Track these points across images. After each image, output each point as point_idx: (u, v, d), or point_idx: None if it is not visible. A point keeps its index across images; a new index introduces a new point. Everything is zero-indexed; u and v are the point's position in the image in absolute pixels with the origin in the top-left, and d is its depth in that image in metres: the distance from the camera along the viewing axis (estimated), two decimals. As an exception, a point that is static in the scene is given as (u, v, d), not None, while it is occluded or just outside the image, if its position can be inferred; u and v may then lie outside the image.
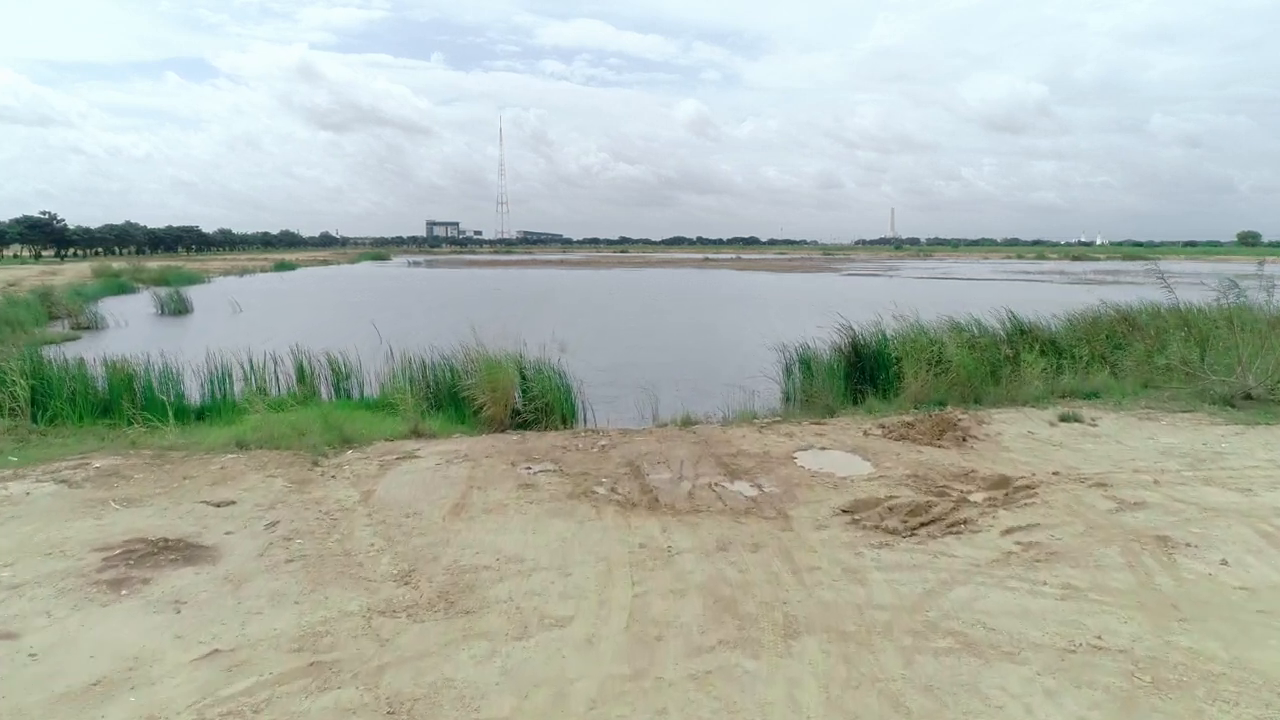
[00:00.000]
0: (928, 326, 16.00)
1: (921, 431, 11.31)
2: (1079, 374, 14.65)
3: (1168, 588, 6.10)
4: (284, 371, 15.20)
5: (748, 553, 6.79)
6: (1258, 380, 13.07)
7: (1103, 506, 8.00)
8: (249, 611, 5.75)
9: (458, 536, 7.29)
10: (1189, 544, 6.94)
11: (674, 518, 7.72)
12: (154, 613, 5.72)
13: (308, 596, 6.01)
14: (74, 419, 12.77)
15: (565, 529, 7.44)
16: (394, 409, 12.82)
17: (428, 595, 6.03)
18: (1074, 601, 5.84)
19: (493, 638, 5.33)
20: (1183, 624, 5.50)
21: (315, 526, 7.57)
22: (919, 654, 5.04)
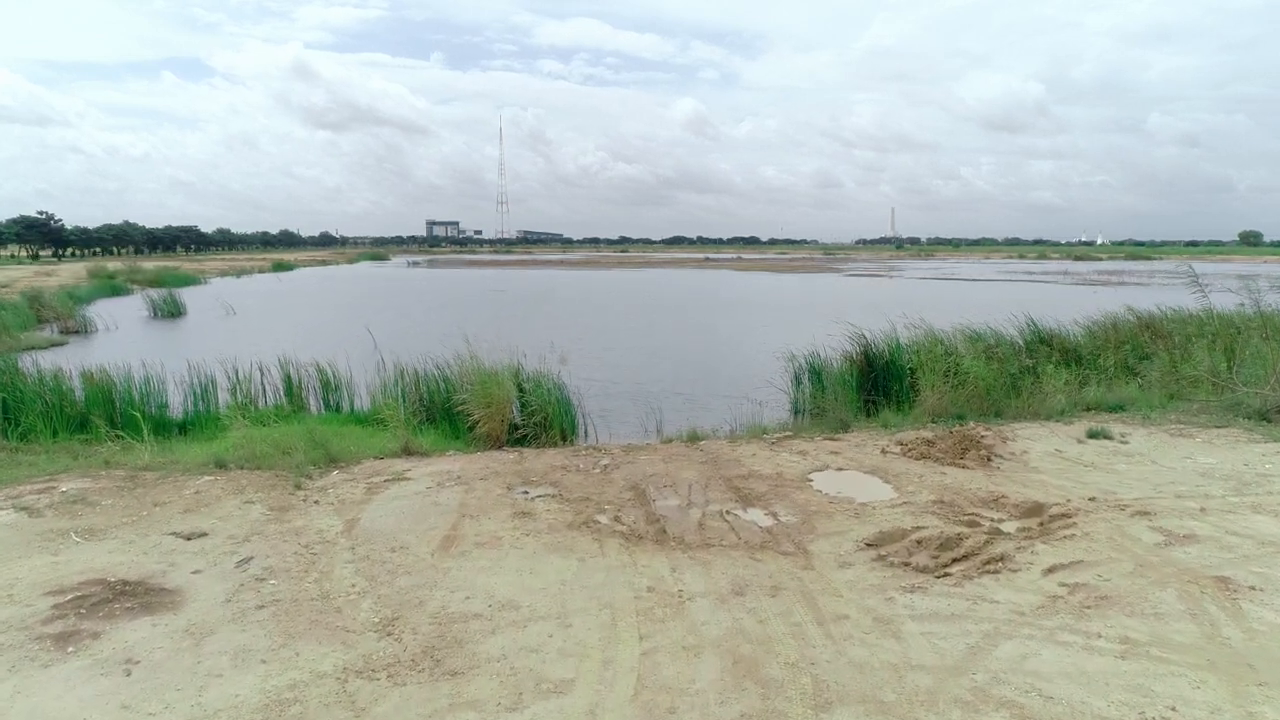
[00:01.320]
0: (942, 334, 15.35)
1: (943, 450, 10.67)
2: (1104, 385, 14.00)
3: (1238, 642, 5.45)
4: (271, 382, 14.56)
5: (767, 598, 6.14)
6: (1296, 393, 12.42)
7: (1149, 540, 7.35)
8: (208, 673, 5.10)
9: (447, 576, 6.65)
10: (1253, 586, 6.29)
11: (684, 553, 7.07)
12: (101, 675, 5.07)
13: (276, 654, 5.36)
14: (47, 435, 12.13)
15: (565, 567, 6.79)
16: (384, 424, 12.17)
17: (411, 651, 5.39)
18: (1136, 661, 5.20)
19: (482, 708, 4.68)
20: (1263, 688, 4.85)
21: (292, 563, 6.93)
22: None
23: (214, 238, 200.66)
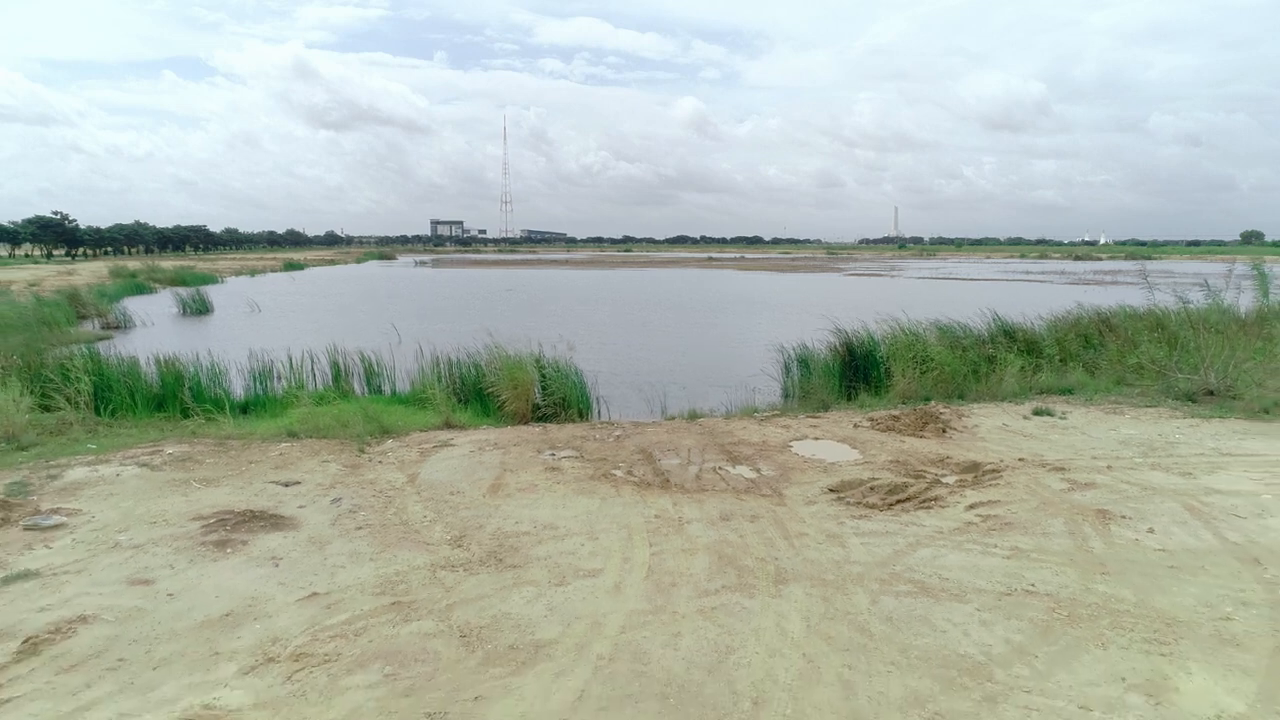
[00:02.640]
0: (915, 328, 17.17)
1: (906, 424, 12.49)
2: (1056, 372, 15.81)
3: (1099, 550, 7.27)
4: (319, 369, 16.42)
5: (747, 522, 7.98)
6: (1218, 378, 14.21)
7: (1057, 487, 9.17)
8: (333, 566, 6.96)
9: (497, 510, 8.50)
10: (1124, 516, 8.11)
11: (683, 495, 8.92)
12: (257, 566, 6.94)
13: (378, 556, 7.21)
14: (133, 412, 14.00)
15: (590, 504, 8.65)
16: (425, 404, 14.02)
17: (479, 555, 7.23)
18: (1018, 560, 7.03)
19: (538, 585, 6.53)
20: (1104, 576, 6.68)
21: (373, 502, 8.79)
22: (883, 595, 6.24)
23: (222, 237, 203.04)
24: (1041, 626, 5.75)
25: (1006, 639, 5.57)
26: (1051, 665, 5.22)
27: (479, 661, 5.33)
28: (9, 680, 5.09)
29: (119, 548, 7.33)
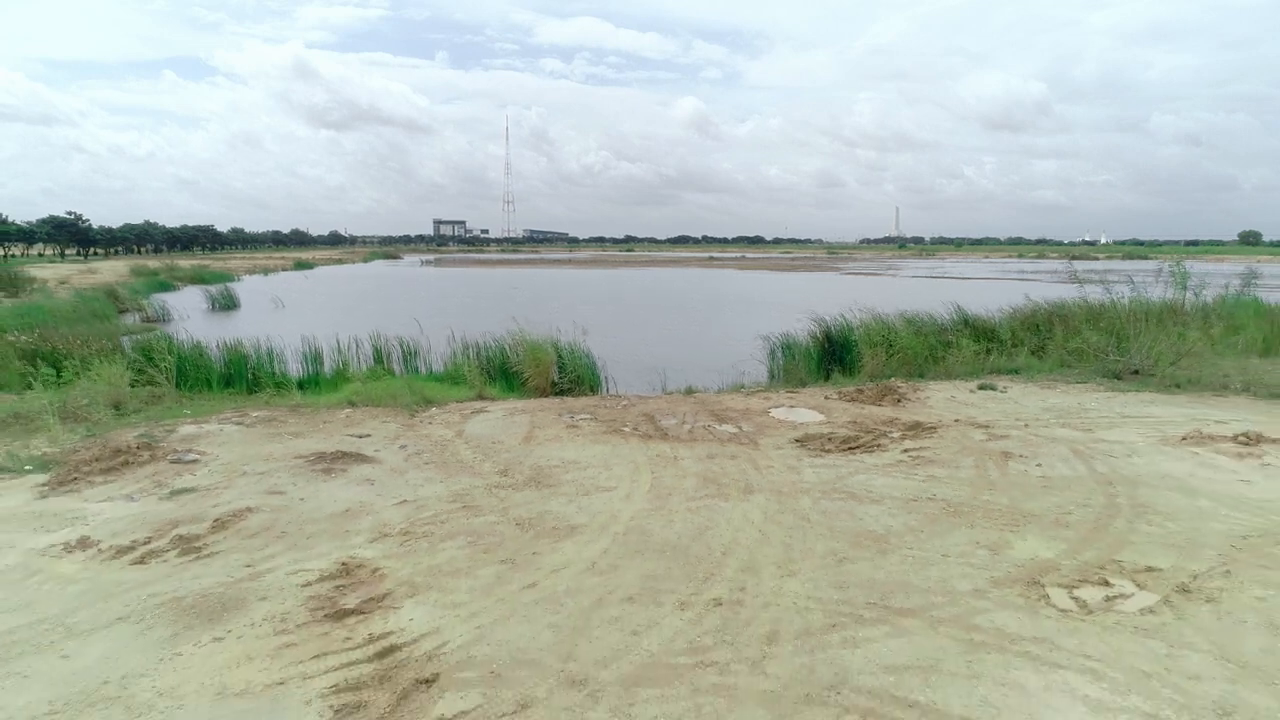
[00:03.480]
0: (887, 317, 19.44)
1: (868, 396, 14.77)
2: (1006, 355, 18.08)
3: (994, 477, 9.55)
4: (362, 353, 18.73)
5: (727, 459, 10.28)
6: (1142, 359, 16.46)
7: (978, 438, 11.45)
8: (414, 485, 9.26)
9: (531, 452, 10.80)
10: (1022, 455, 10.39)
11: (678, 443, 11.22)
12: (356, 486, 9.24)
13: (445, 480, 9.51)
14: (208, 387, 16.31)
15: (604, 449, 10.94)
16: (458, 380, 16.32)
17: (521, 480, 9.53)
18: (930, 483, 9.31)
19: (569, 495, 8.83)
20: (990, 492, 8.96)
21: (432, 448, 11.08)
22: (822, 499, 8.53)
23: (228, 237, 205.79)
24: (931, 517, 8.04)
25: (904, 523, 7.85)
26: (930, 536, 7.51)
27: (531, 536, 7.62)
28: (211, 542, 7.39)
29: (248, 474, 9.64)
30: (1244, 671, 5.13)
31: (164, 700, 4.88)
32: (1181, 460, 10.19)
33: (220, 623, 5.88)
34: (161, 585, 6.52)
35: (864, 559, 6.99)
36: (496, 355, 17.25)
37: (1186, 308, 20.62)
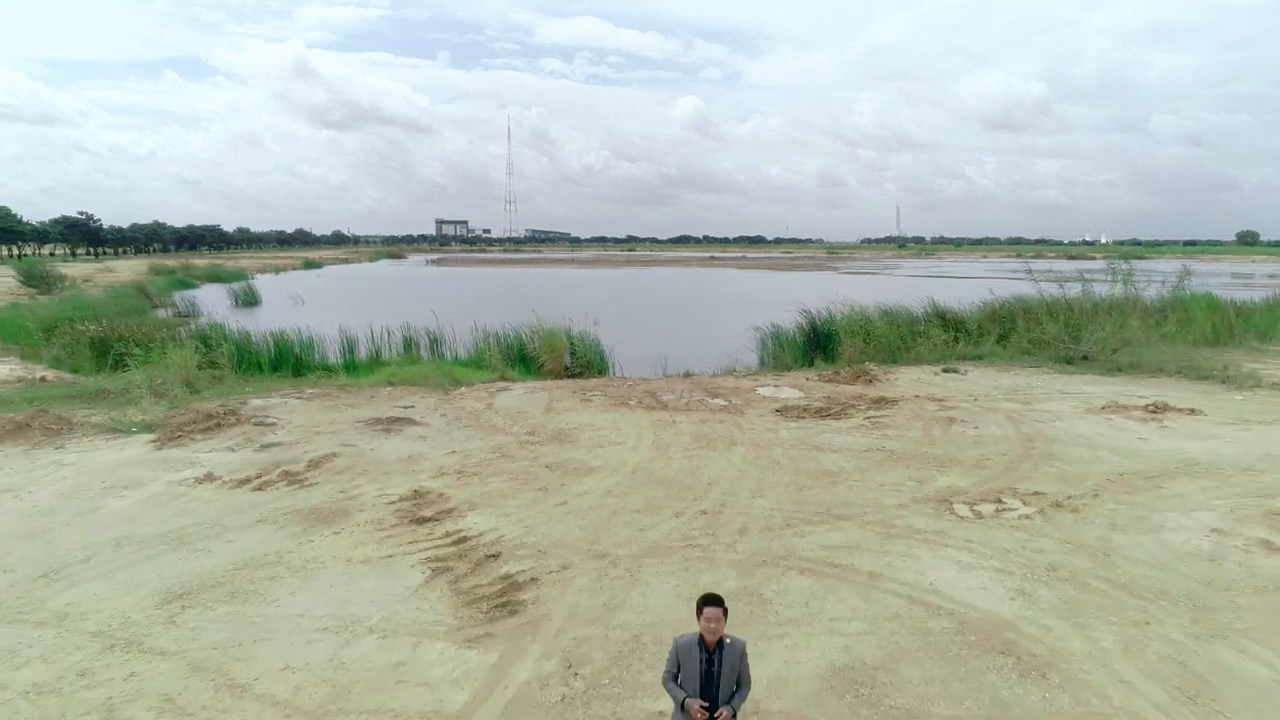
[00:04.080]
0: (866, 310, 21.47)
1: (844, 378, 16.80)
2: (973, 343, 20.10)
3: (936, 436, 11.58)
4: (392, 342, 20.78)
5: (717, 424, 12.32)
6: (1090, 347, 18.47)
7: (931, 409, 13.48)
8: (460, 440, 11.31)
9: (553, 419, 12.84)
10: (964, 421, 12.42)
11: (676, 412, 13.26)
12: (411, 441, 11.29)
13: (484, 438, 11.56)
14: (260, 370, 18.36)
15: (614, 415, 12.99)
16: (481, 365, 18.36)
17: (546, 438, 11.57)
18: (881, 440, 11.34)
19: (586, 447, 10.88)
20: (930, 445, 10.99)
21: (468, 416, 13.13)
22: (791, 450, 10.57)
23: (234, 236, 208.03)
24: (877, 462, 10.08)
25: (854, 465, 9.90)
26: (873, 474, 9.55)
27: (559, 475, 9.67)
28: (310, 476, 9.45)
29: (321, 433, 11.70)
30: (1077, 549, 7.17)
31: (310, 564, 6.94)
32: (1095, 424, 12.23)
33: (334, 524, 7.93)
34: (282, 503, 8.58)
35: (818, 487, 9.04)
36: (515, 343, 19.29)
37: (1145, 303, 22.65)
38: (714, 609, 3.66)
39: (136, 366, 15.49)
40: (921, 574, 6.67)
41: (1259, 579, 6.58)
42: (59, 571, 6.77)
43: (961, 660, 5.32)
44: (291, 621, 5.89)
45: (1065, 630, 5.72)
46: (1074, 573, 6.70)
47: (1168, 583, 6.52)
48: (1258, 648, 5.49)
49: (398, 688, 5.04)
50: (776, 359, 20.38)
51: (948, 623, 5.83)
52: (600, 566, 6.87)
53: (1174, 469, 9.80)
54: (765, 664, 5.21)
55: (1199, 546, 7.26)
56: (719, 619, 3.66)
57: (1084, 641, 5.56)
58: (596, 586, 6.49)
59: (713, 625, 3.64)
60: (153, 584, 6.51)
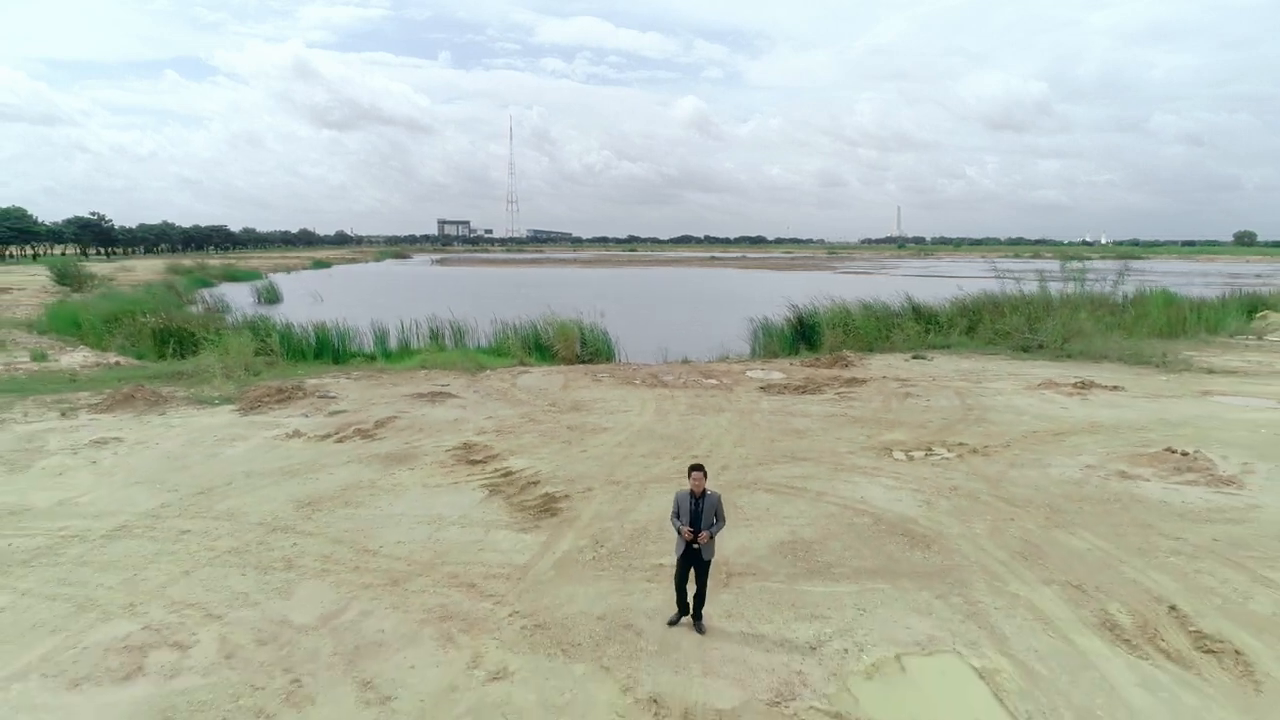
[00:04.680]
0: (848, 305, 23.70)
1: (823, 364, 19.04)
2: (943, 334, 22.33)
3: (893, 406, 13.82)
4: (419, 333, 23.04)
5: (709, 398, 14.57)
6: (1045, 337, 20.69)
7: (893, 388, 15.71)
8: (492, 409, 13.56)
9: (569, 395, 15.09)
10: (918, 395, 14.66)
11: (675, 389, 15.51)
12: (453, 409, 13.54)
13: (513, 407, 13.80)
14: (304, 357, 20.61)
15: (622, 391, 15.24)
16: (501, 353, 20.61)
17: (566, 407, 13.81)
18: (846, 409, 13.58)
19: (599, 414, 13.13)
20: (887, 413, 13.22)
21: (496, 392, 15.38)
22: (769, 415, 12.82)
23: (241, 236, 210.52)
24: (838, 423, 12.33)
25: (819, 426, 12.15)
26: (833, 431, 11.80)
27: (579, 433, 11.91)
28: (378, 433, 11.70)
29: (376, 404, 13.96)
30: (978, 478, 9.40)
31: (397, 487, 9.18)
32: (1029, 398, 14.47)
33: (407, 464, 10.18)
34: (361, 450, 10.84)
35: (787, 440, 11.28)
36: (531, 333, 21.55)
37: (1103, 298, 24.88)
38: (698, 473, 5.89)
39: (207, 352, 17.73)
40: (855, 492, 8.91)
41: (1104, 495, 8.82)
42: (211, 491, 9.03)
43: (871, 538, 7.57)
44: (395, 518, 8.14)
45: (951, 523, 7.96)
46: (970, 492, 8.94)
47: (1037, 497, 8.76)
48: (1084, 532, 7.72)
49: (480, 553, 7.29)
50: (766, 348, 22.62)
51: (867, 519, 8.07)
52: (615, 489, 9.12)
53: (1080, 429, 12.03)
54: (734, 541, 7.45)
55: (1071, 475, 9.51)
56: (701, 479, 5.88)
57: (962, 528, 7.80)
58: (613, 500, 8.74)
59: (697, 483, 5.87)
60: (285, 497, 8.77)
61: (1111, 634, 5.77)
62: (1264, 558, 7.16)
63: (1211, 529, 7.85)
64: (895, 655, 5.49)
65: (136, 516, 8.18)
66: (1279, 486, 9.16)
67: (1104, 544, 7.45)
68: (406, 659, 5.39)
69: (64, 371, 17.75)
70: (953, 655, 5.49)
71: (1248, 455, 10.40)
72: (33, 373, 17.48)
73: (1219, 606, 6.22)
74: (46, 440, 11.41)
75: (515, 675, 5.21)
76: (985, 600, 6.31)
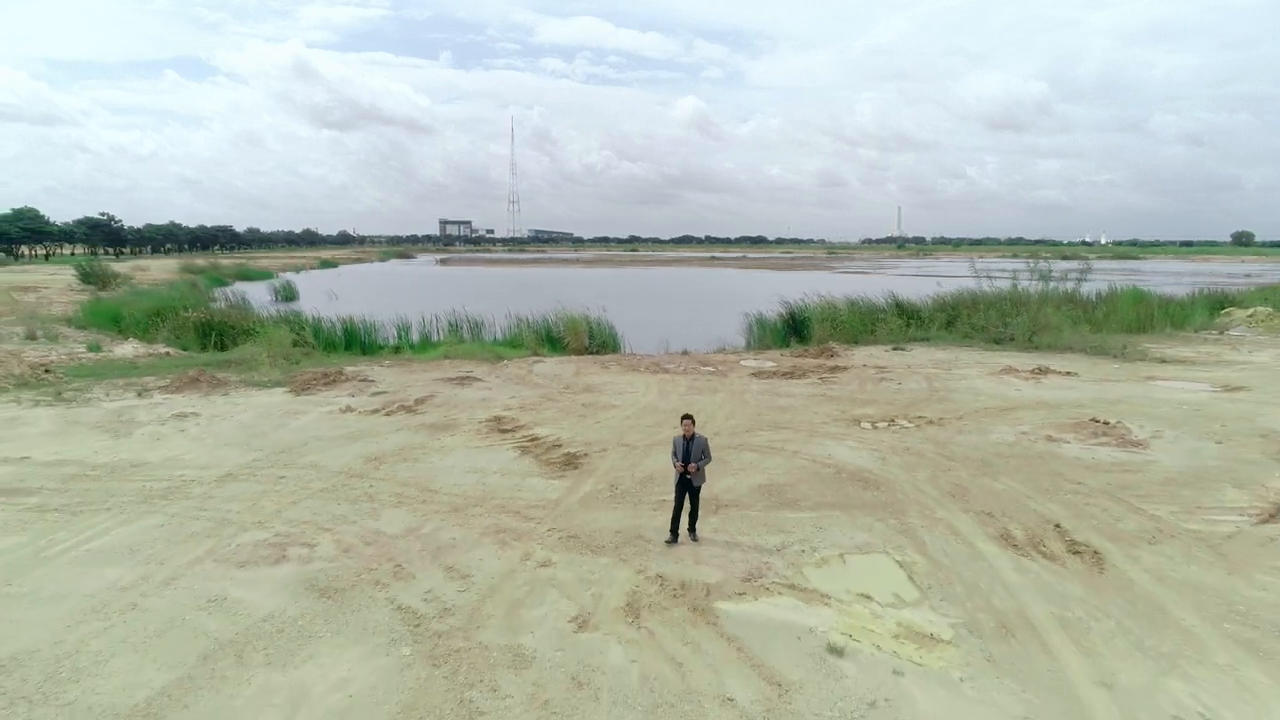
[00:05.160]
0: (837, 301, 25.56)
1: (811, 354, 20.90)
2: (924, 328, 24.18)
3: (869, 388, 15.66)
4: (439, 326, 24.91)
5: (705, 381, 16.44)
6: (1015, 331, 22.53)
7: (871, 373, 17.56)
8: (514, 391, 15.42)
9: (581, 380, 16.95)
10: (892, 380, 16.51)
11: (675, 374, 17.38)
12: (480, 390, 15.41)
13: (533, 390, 15.66)
14: (333, 349, 22.48)
15: (628, 377, 17.10)
16: (516, 344, 22.47)
17: (581, 389, 15.67)
18: (826, 391, 15.42)
19: (609, 394, 14.99)
20: (863, 393, 15.07)
21: (515, 377, 17.23)
22: (758, 395, 14.68)
23: (246, 237, 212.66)
24: (817, 401, 14.19)
25: (800, 404, 14.00)
26: (812, 407, 13.65)
27: (592, 409, 13.76)
28: (419, 408, 13.56)
29: (412, 386, 15.82)
30: (929, 442, 11.25)
31: (444, 448, 11.03)
32: (989, 381, 16.32)
33: (449, 431, 12.04)
34: (407, 421, 12.70)
35: (771, 414, 13.14)
36: (543, 326, 23.41)
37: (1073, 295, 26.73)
38: (687, 420, 7.74)
39: (251, 343, 19.60)
40: (824, 451, 10.76)
41: (1030, 453, 10.67)
42: (291, 450, 10.89)
43: (833, 482, 9.42)
44: (446, 470, 10.00)
45: (899, 473, 9.81)
46: (919, 451, 10.78)
47: (973, 454, 10.61)
48: (1005, 479, 9.57)
49: (519, 492, 9.14)
50: (760, 340, 24.47)
51: (831, 470, 9.92)
52: (625, 450, 10.97)
53: (1026, 405, 13.88)
54: (723, 484, 9.30)
55: (1006, 439, 11.36)
56: (689, 426, 7.72)
57: (908, 476, 9.65)
58: (624, 458, 10.59)
59: (686, 428, 7.71)
60: (354, 455, 10.63)
61: (1005, 542, 7.62)
62: (1145, 496, 9.01)
63: (1109, 477, 9.70)
64: (839, 554, 7.33)
65: (237, 468, 10.05)
66: (1177, 448, 11.01)
67: (1019, 486, 9.30)
68: (475, 555, 7.25)
69: (122, 360, 19.62)
70: (882, 554, 7.34)
71: (1161, 425, 12.24)
72: (95, 361, 19.36)
73: (1094, 526, 8.07)
74: (135, 414, 13.28)
75: (557, 564, 7.06)
76: (914, 522, 8.15)
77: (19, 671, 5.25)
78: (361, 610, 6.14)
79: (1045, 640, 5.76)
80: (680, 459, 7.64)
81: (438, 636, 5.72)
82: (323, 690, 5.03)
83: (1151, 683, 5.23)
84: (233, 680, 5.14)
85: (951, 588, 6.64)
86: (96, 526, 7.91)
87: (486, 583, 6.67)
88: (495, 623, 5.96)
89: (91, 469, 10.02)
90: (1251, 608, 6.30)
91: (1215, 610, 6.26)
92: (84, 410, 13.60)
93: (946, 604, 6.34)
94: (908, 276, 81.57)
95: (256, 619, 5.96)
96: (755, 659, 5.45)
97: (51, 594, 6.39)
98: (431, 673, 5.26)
